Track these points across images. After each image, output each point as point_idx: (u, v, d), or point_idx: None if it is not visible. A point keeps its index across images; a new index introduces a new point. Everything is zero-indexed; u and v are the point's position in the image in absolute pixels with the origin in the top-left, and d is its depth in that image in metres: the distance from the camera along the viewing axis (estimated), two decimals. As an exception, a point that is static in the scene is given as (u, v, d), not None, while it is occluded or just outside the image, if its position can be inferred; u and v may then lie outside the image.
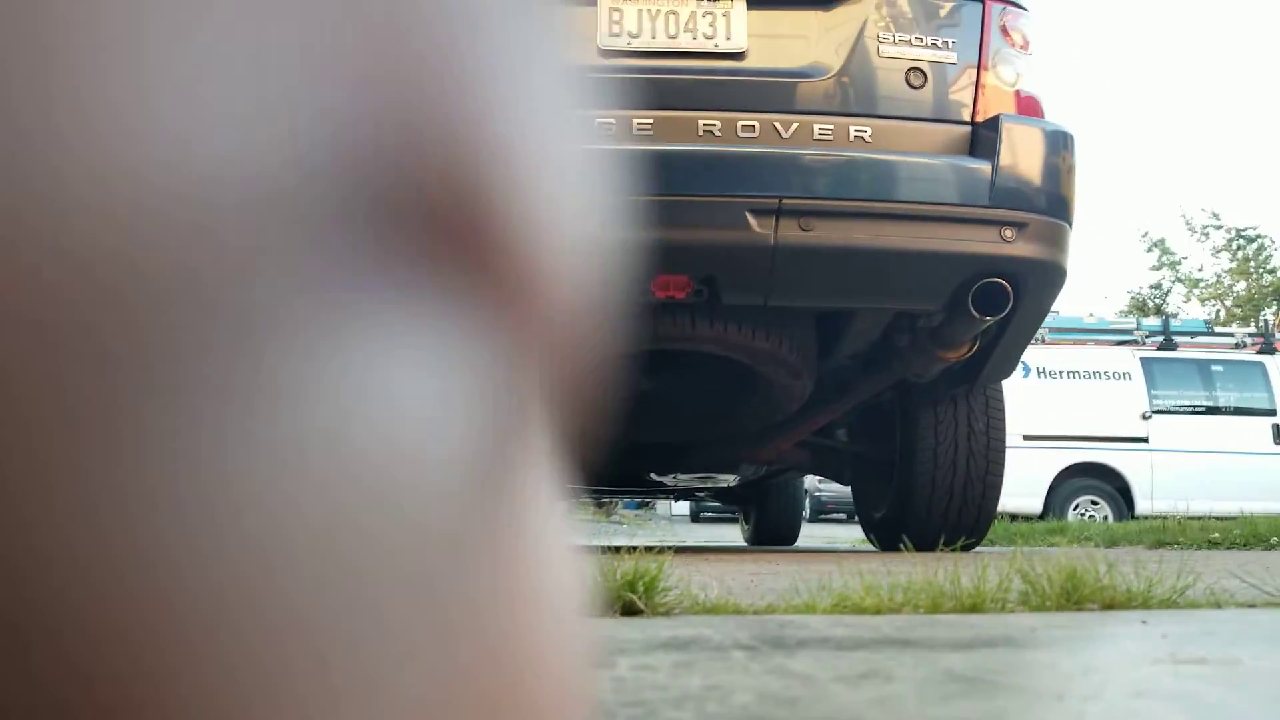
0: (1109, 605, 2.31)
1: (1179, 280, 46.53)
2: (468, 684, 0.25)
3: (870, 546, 7.20)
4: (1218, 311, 44.12)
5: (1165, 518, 9.65)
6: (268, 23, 0.22)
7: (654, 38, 4.48)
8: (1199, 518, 9.90)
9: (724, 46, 4.49)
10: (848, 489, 7.84)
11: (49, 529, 0.20)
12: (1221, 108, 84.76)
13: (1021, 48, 4.66)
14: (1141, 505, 16.16)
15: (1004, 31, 4.64)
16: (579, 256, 0.31)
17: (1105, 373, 17.06)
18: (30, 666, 0.20)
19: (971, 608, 2.26)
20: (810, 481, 30.25)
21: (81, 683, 0.20)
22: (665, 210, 4.26)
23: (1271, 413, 17.02)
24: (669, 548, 2.66)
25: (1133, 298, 46.59)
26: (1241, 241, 44.59)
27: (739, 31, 4.49)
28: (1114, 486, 16.70)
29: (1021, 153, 4.48)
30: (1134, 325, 18.88)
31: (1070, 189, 4.59)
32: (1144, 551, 6.36)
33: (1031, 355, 15.42)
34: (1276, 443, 16.84)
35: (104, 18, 0.21)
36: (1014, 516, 14.19)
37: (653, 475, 7.68)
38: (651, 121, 4.35)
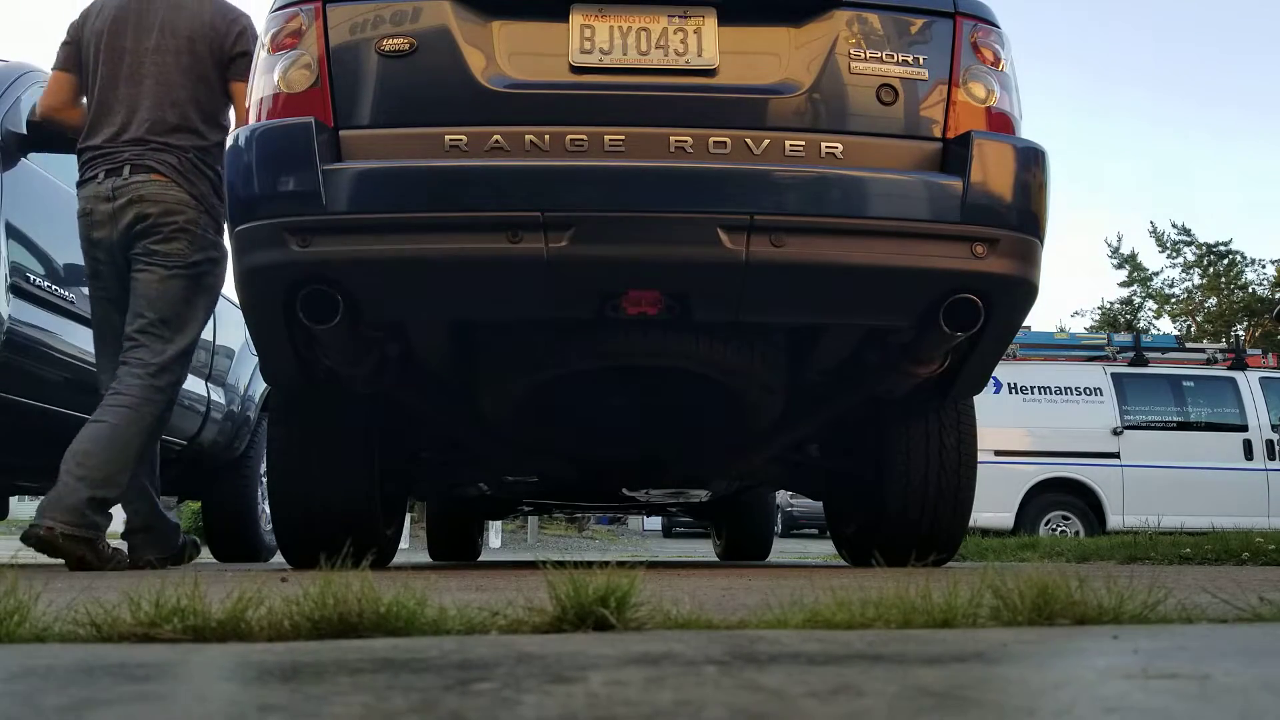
0: (1080, 620, 2.31)
1: (1150, 296, 46.82)
2: None
3: (842, 561, 7.21)
4: (1189, 327, 44.41)
5: (1137, 533, 9.68)
6: None
7: (626, 54, 4.49)
8: (1170, 533, 9.93)
9: (695, 63, 4.49)
10: (820, 504, 7.85)
11: None
12: (1191, 120, 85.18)
13: (993, 64, 4.67)
14: (1113, 520, 16.25)
15: (975, 48, 4.65)
16: None
17: (1076, 388, 17.15)
18: None
19: (943, 623, 2.26)
20: (782, 497, 30.39)
21: None
22: (637, 226, 4.28)
23: (1242, 428, 17.10)
24: (641, 563, 2.65)
25: (1104, 313, 46.88)
26: (1212, 257, 44.87)
27: (710, 48, 4.50)
28: (1085, 502, 16.80)
29: (993, 169, 4.49)
30: (1105, 341, 18.94)
31: (1042, 205, 4.60)
32: (1115, 566, 6.38)
33: (1003, 371, 15.50)
34: (1247, 458, 16.94)
35: None
36: (985, 532, 14.26)
37: (625, 490, 7.67)
38: (623, 138, 4.35)
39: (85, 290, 6.66)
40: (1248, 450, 16.99)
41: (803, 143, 4.46)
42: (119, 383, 5.72)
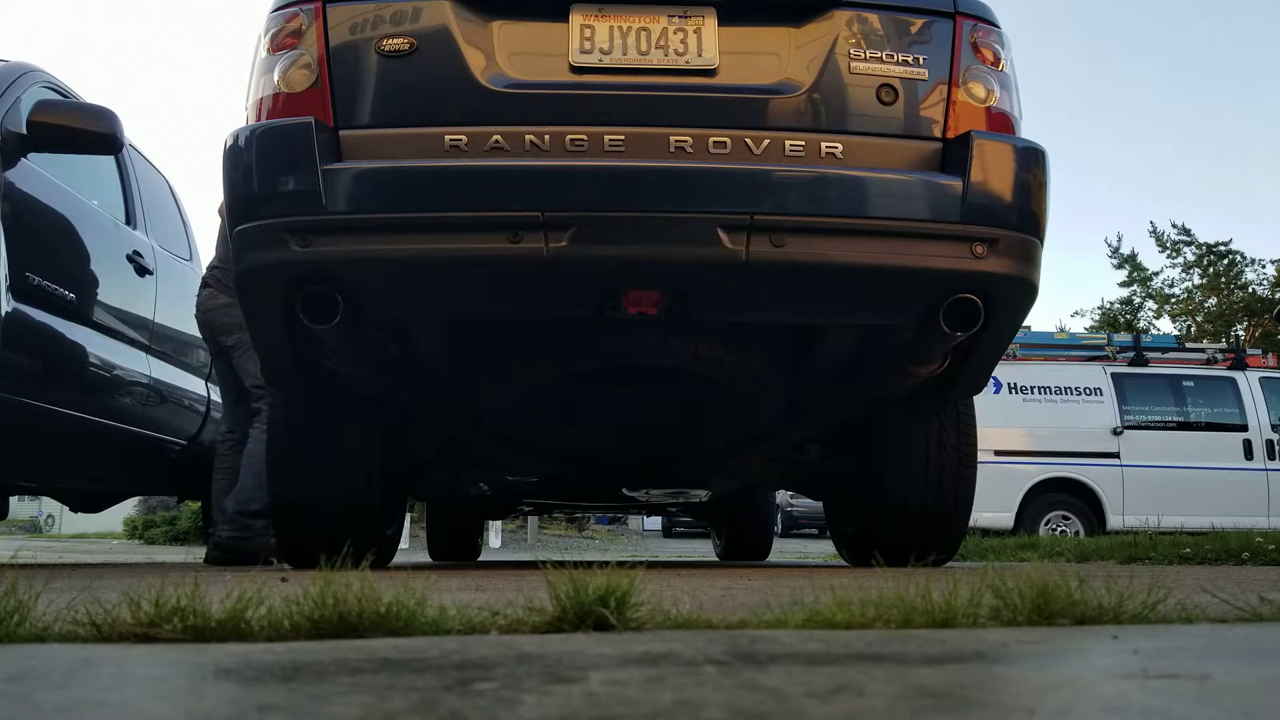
0: (1080, 620, 2.31)
1: (1150, 296, 46.80)
2: None
3: (842, 561, 7.21)
4: (1189, 327, 44.38)
5: (1136, 532, 9.66)
6: None
7: (625, 54, 4.49)
8: (1170, 532, 9.93)
9: (695, 63, 4.49)
10: (820, 504, 7.85)
11: None
12: (1191, 120, 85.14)
13: (993, 64, 4.67)
14: (1113, 520, 16.24)
15: (975, 48, 4.65)
16: None
17: (1076, 388, 17.15)
18: None
19: (943, 622, 2.25)
20: (782, 496, 30.42)
21: None
22: (637, 226, 4.27)
23: (1242, 428, 17.09)
24: (641, 563, 2.65)
25: (1104, 313, 46.85)
26: (1212, 257, 44.84)
27: (710, 48, 4.50)
28: (1085, 501, 16.77)
29: (993, 169, 4.49)
30: (1105, 341, 18.94)
31: (1042, 205, 4.60)
32: (1115, 566, 6.38)
33: (1003, 371, 15.49)
34: (1247, 458, 16.92)
35: None
36: (985, 531, 14.26)
37: (625, 490, 7.67)
38: (623, 138, 4.35)
39: (85, 291, 6.68)
40: (1248, 450, 16.99)
41: (803, 143, 4.46)
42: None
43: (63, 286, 6.38)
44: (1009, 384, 16.74)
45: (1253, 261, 44.44)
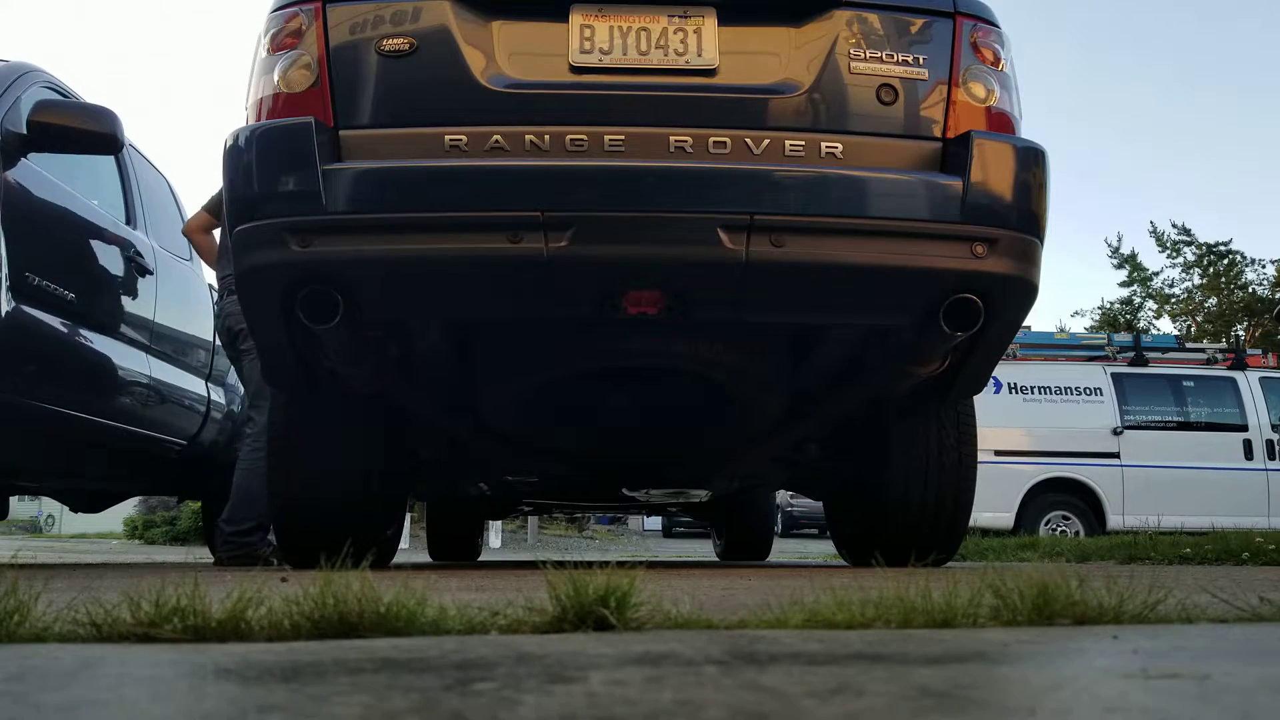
0: (1080, 620, 2.31)
1: (1150, 296, 46.77)
2: None
3: (842, 561, 7.21)
4: (1189, 327, 44.36)
5: (1137, 533, 9.67)
6: None
7: (625, 54, 4.48)
8: (1170, 532, 9.93)
9: (695, 63, 4.49)
10: (820, 504, 7.85)
11: None
12: (1191, 120, 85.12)
13: (993, 64, 4.67)
14: (1113, 520, 16.24)
15: (975, 48, 4.65)
16: None
17: (1076, 388, 17.15)
18: None
19: (943, 622, 2.25)
20: (782, 496, 30.40)
21: None
22: (637, 226, 4.27)
23: (1242, 428, 17.09)
24: (641, 563, 2.65)
25: (1104, 313, 46.83)
26: (1212, 257, 44.83)
27: (710, 48, 4.50)
28: (1085, 501, 16.77)
29: (993, 169, 4.48)
30: (1105, 341, 18.93)
31: (1041, 205, 4.60)
32: (1115, 566, 6.38)
33: (1003, 371, 15.50)
34: (1247, 458, 16.92)
35: None
36: (985, 531, 14.25)
37: (625, 490, 7.66)
38: (623, 138, 4.35)
39: (85, 290, 6.68)
40: (1248, 450, 16.99)
41: (803, 142, 4.45)
42: None
43: (63, 286, 6.38)
44: (1009, 384, 16.74)
45: (1253, 261, 44.47)
